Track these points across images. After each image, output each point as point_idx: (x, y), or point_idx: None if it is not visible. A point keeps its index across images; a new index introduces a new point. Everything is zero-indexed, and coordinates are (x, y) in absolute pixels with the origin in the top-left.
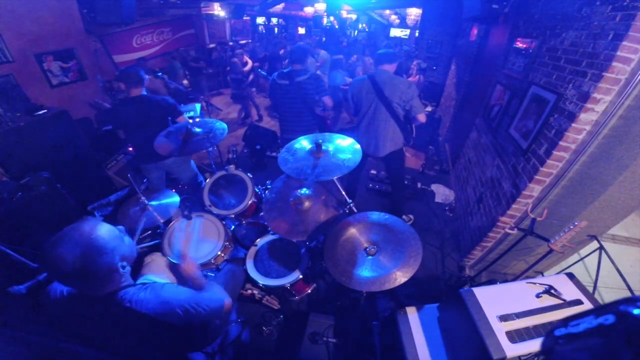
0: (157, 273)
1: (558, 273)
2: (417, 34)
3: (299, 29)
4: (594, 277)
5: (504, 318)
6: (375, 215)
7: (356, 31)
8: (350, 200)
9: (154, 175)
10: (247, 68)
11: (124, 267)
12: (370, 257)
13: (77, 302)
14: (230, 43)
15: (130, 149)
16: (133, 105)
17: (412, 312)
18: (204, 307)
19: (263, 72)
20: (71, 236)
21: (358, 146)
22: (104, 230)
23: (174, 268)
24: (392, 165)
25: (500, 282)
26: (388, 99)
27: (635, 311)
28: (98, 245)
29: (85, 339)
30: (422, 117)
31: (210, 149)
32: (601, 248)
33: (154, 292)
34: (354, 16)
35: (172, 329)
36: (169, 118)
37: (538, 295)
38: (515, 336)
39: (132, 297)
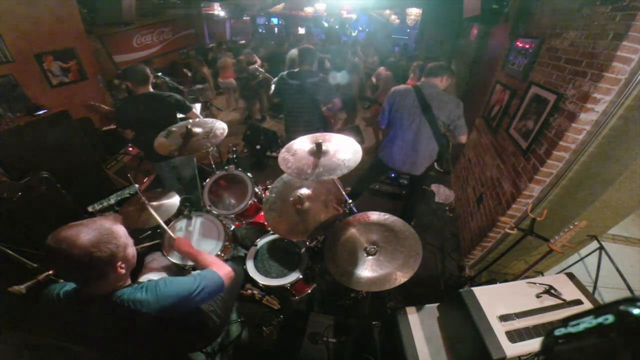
0: (157, 273)
1: (558, 273)
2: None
3: (299, 29)
4: (594, 277)
5: (504, 318)
6: (375, 215)
7: (356, 31)
8: (351, 200)
9: (165, 172)
10: (252, 68)
11: (122, 268)
12: (370, 257)
13: (73, 303)
14: (230, 43)
15: (131, 149)
16: (141, 103)
17: (412, 312)
18: (203, 289)
19: (261, 69)
20: (93, 222)
21: (358, 146)
22: (122, 228)
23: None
24: (418, 179)
25: (500, 282)
26: (435, 116)
27: (635, 311)
28: (112, 235)
29: (84, 340)
30: (464, 139)
31: (210, 149)
32: (601, 248)
33: (151, 290)
34: (354, 16)
35: (172, 328)
36: (178, 115)
37: (538, 295)
38: (515, 336)
39: (129, 297)
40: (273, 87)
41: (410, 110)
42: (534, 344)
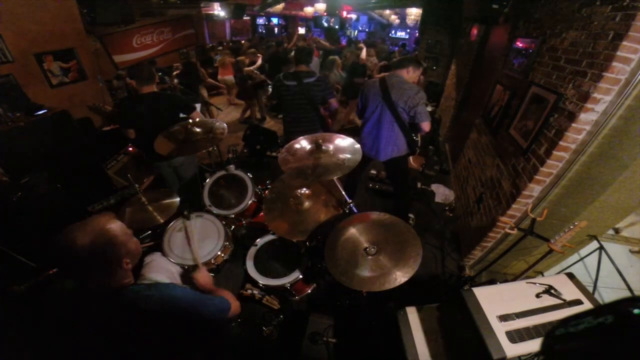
0: (157, 273)
1: (558, 273)
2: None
3: (299, 28)
4: (594, 277)
5: (504, 318)
6: (375, 215)
7: (356, 31)
8: (351, 200)
9: (166, 172)
10: (252, 68)
11: (127, 264)
12: (370, 257)
13: (77, 301)
14: (230, 44)
15: (131, 149)
16: (145, 103)
17: (412, 312)
18: (209, 307)
19: (256, 72)
20: (87, 224)
21: (358, 146)
22: (117, 224)
23: (185, 275)
24: (393, 172)
25: (500, 282)
26: (394, 103)
27: (635, 311)
28: (110, 235)
29: (87, 338)
30: (426, 126)
31: (210, 149)
32: (601, 248)
33: (160, 290)
34: (354, 16)
35: (176, 327)
36: (181, 114)
37: (538, 295)
38: (515, 336)
39: (137, 294)
40: (271, 88)
41: (374, 98)
42: (534, 344)
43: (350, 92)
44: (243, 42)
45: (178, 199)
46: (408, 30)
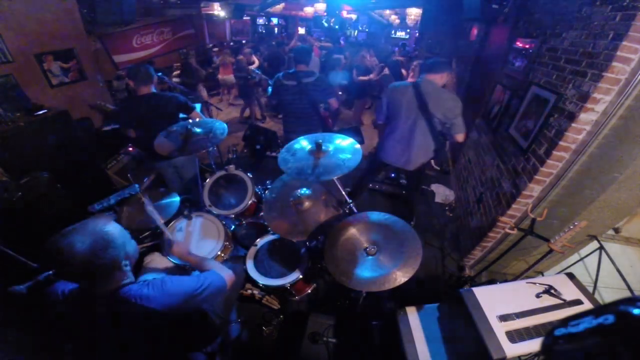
0: (157, 273)
1: (558, 273)
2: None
3: (299, 29)
4: (594, 277)
5: (504, 318)
6: (375, 215)
7: (356, 31)
8: (350, 200)
9: (166, 172)
10: (251, 67)
11: (126, 266)
12: (370, 257)
13: (78, 302)
14: (231, 44)
15: (131, 148)
16: (143, 103)
17: (412, 312)
18: (206, 288)
19: (257, 71)
20: (85, 227)
21: (358, 146)
22: (115, 227)
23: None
24: (414, 176)
25: (500, 282)
26: (431, 113)
27: (635, 311)
28: (108, 238)
29: (88, 339)
30: (460, 137)
31: (210, 149)
32: (601, 248)
33: (157, 287)
34: (354, 16)
35: (174, 327)
36: (180, 115)
37: (538, 295)
38: (515, 336)
39: (136, 293)
40: (270, 89)
41: (407, 107)
42: (534, 344)
43: (354, 92)
44: (244, 42)
45: (178, 199)
46: (408, 30)
